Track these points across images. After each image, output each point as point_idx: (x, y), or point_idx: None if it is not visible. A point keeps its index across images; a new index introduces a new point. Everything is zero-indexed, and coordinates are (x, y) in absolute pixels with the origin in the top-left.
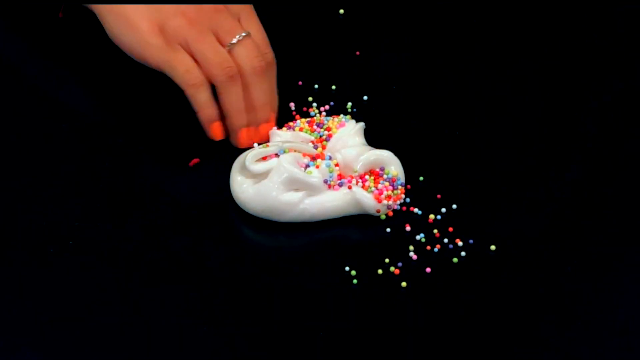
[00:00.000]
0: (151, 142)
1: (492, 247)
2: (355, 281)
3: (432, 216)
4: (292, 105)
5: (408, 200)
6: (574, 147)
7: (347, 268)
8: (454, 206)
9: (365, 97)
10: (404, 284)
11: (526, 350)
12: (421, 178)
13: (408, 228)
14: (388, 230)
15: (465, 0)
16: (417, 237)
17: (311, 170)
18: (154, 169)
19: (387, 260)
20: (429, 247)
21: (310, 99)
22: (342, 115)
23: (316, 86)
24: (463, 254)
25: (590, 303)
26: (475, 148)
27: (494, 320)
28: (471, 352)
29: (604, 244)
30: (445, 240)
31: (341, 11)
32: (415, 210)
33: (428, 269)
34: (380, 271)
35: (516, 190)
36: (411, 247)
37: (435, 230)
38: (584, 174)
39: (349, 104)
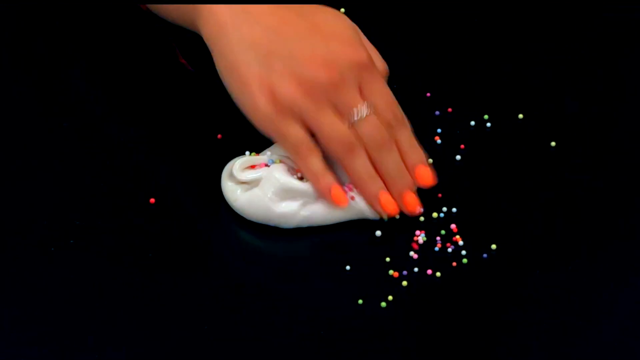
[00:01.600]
0: (152, 142)
1: (493, 247)
2: (360, 301)
3: (435, 214)
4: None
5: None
6: (574, 146)
7: (347, 267)
8: (454, 209)
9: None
10: (404, 283)
11: (526, 350)
12: None
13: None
14: (388, 230)
15: (465, 0)
16: (418, 238)
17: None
18: (155, 168)
19: (387, 259)
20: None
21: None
22: None
23: None
24: (464, 252)
25: (590, 303)
26: (476, 148)
27: (494, 320)
28: (471, 352)
29: (604, 243)
30: (447, 241)
31: (342, 10)
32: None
33: (429, 271)
34: (386, 300)
35: (516, 190)
36: (415, 244)
37: (443, 232)
38: (584, 173)
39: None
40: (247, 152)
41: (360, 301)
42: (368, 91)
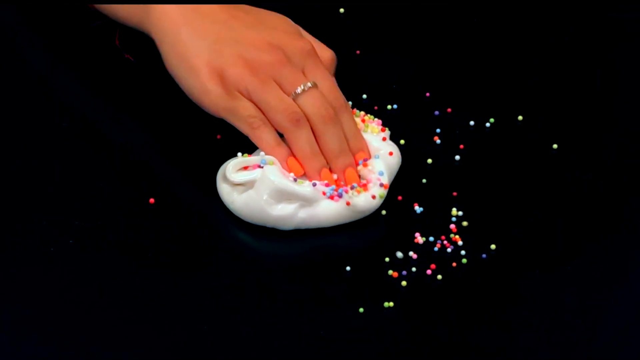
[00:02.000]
0: (152, 142)
1: (492, 247)
2: (361, 309)
3: (453, 213)
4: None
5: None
6: (574, 147)
7: (347, 268)
8: (454, 209)
9: (365, 97)
10: (404, 283)
11: (526, 350)
12: (424, 180)
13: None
14: (388, 230)
15: (465, 0)
16: (419, 239)
17: (301, 180)
18: (155, 168)
19: (387, 259)
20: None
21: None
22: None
23: None
24: (463, 253)
25: (590, 303)
26: (475, 148)
27: (493, 320)
28: (471, 352)
29: (604, 244)
30: (446, 241)
31: (341, 10)
32: (416, 209)
33: (429, 271)
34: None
35: (515, 190)
36: (418, 238)
37: (453, 236)
38: (583, 173)
39: (349, 103)
40: (239, 154)
41: (360, 301)
42: (311, 74)
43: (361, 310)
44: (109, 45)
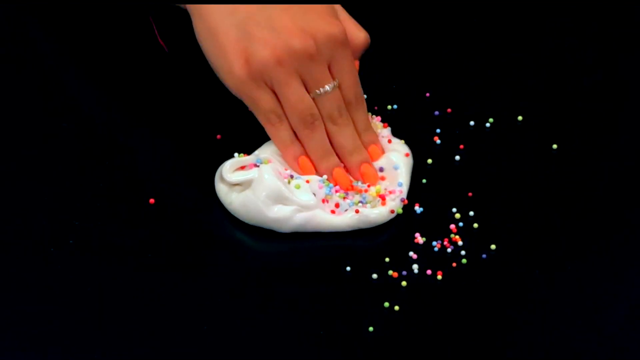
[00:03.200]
0: (152, 142)
1: (492, 247)
2: (371, 329)
3: (457, 214)
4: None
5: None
6: (574, 147)
7: (348, 268)
8: (454, 210)
9: (365, 97)
10: (404, 283)
11: (526, 350)
12: (424, 180)
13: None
14: (388, 230)
15: (465, 0)
16: (419, 239)
17: (299, 183)
18: (155, 169)
19: (387, 259)
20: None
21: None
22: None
23: None
24: (463, 253)
25: (590, 303)
26: (475, 148)
27: (493, 320)
28: (471, 353)
29: (604, 244)
30: (446, 241)
31: None
32: (416, 209)
33: (429, 271)
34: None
35: (515, 190)
36: (418, 238)
37: (453, 236)
38: (583, 173)
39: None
40: (236, 154)
41: (360, 301)
42: (337, 67)
43: (360, 302)
44: (110, 45)
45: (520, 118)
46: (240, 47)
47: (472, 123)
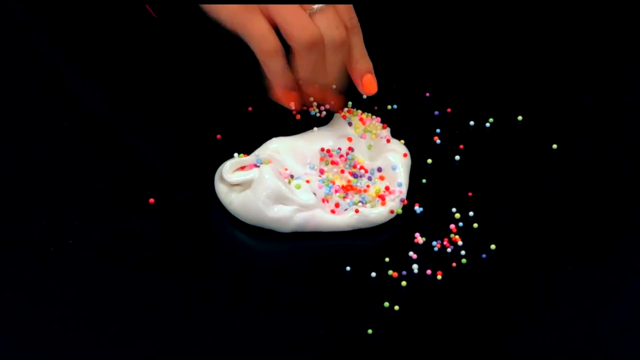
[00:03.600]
0: (152, 142)
1: (492, 247)
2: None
3: (456, 214)
4: (292, 104)
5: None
6: (574, 147)
7: (348, 268)
8: (453, 209)
9: (365, 97)
10: (404, 283)
11: (526, 350)
12: (424, 180)
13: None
14: (388, 230)
15: (465, 0)
16: (419, 239)
17: (299, 183)
18: (155, 168)
19: (387, 259)
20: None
21: (311, 98)
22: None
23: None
24: (463, 253)
25: (590, 303)
26: (475, 148)
27: (493, 320)
28: (471, 353)
29: (604, 244)
30: (446, 241)
31: None
32: (416, 208)
33: (429, 271)
34: (386, 300)
35: (515, 190)
36: (418, 238)
37: (453, 236)
38: (583, 173)
39: (350, 103)
40: (236, 154)
41: (360, 301)
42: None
43: (360, 302)
44: (110, 45)
45: (520, 118)
46: None
47: (472, 123)
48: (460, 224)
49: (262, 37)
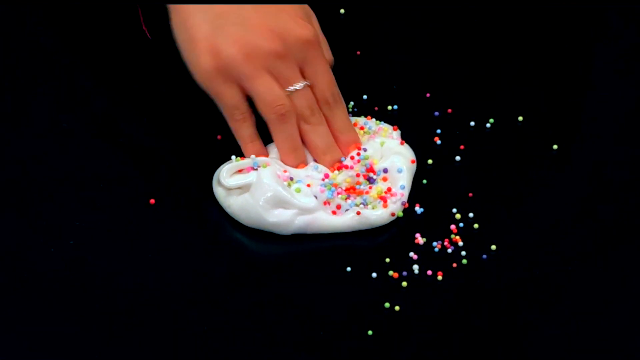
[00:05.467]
0: (153, 142)
1: (492, 247)
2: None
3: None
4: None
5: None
6: (575, 146)
7: (348, 269)
8: (454, 210)
9: (365, 97)
10: (404, 283)
11: (526, 350)
12: (424, 181)
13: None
14: (388, 231)
15: (465, 0)
16: (419, 240)
17: (299, 187)
18: (155, 169)
19: (387, 260)
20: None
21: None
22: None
23: None
24: (463, 253)
25: (590, 303)
26: (475, 148)
27: (493, 320)
28: (471, 353)
29: (604, 244)
30: (447, 242)
31: (342, 11)
32: (417, 209)
33: (429, 271)
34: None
35: (515, 190)
36: (418, 239)
37: (453, 236)
38: (583, 173)
39: (351, 103)
40: (233, 157)
41: (360, 301)
42: (310, 69)
43: (360, 302)
44: (110, 45)
45: (520, 118)
46: (210, 42)
47: (472, 123)
48: (461, 224)
49: (233, 107)
